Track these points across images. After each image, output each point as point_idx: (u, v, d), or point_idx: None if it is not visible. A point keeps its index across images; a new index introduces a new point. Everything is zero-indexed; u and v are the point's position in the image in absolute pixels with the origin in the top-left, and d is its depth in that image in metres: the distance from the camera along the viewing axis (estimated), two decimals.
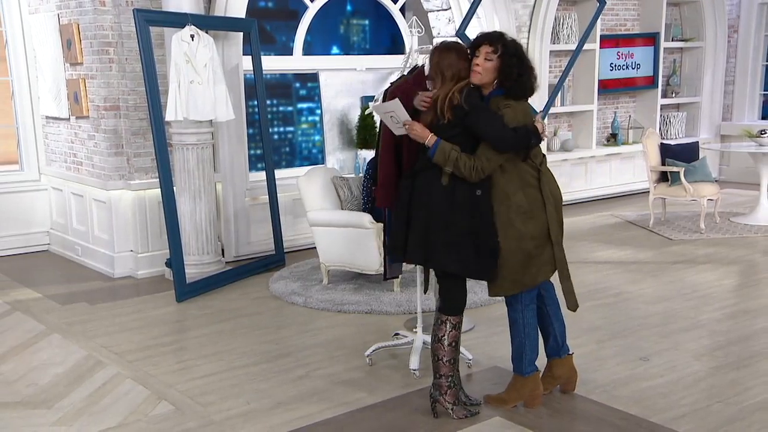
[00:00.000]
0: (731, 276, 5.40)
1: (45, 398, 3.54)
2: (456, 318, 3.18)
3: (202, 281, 5.26)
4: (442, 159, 3.04)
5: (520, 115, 3.10)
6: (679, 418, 3.20)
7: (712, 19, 9.00)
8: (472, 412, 3.24)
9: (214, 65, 5.22)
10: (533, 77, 3.13)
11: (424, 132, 3.10)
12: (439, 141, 3.05)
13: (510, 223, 3.10)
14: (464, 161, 3.03)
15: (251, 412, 3.35)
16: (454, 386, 3.21)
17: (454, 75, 3.10)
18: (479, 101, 3.09)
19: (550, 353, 3.44)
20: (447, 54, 3.13)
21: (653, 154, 6.88)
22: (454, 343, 3.18)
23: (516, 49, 3.10)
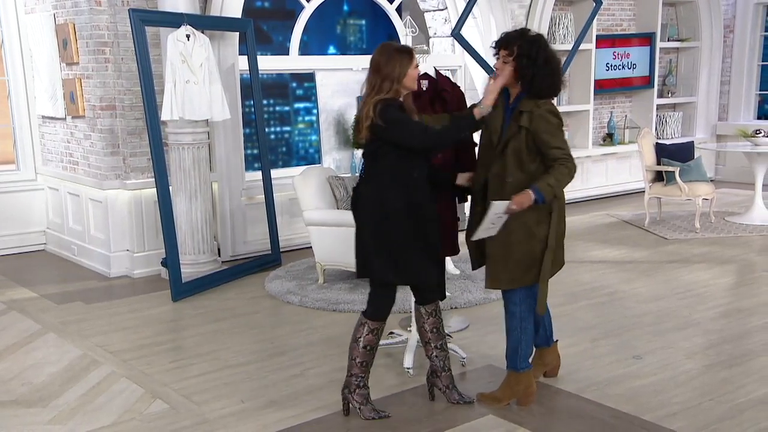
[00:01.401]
0: (726, 275, 5.42)
1: (40, 397, 3.55)
2: (375, 324, 3.19)
3: (197, 280, 5.27)
4: (550, 194, 3.04)
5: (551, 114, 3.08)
6: (671, 415, 3.22)
7: (708, 19, 9.03)
8: (381, 415, 3.22)
9: (210, 65, 5.23)
10: (551, 75, 3.09)
11: (526, 195, 3.03)
12: (535, 187, 3.02)
13: (525, 224, 3.10)
14: (559, 176, 3.03)
15: (246, 411, 3.36)
16: (363, 386, 3.24)
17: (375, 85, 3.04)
18: (395, 113, 3.02)
19: (539, 343, 3.53)
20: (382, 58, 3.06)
21: (649, 153, 6.90)
22: (369, 347, 3.20)
23: (530, 50, 3.07)
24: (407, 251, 3.12)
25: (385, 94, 3.03)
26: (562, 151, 3.06)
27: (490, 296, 4.92)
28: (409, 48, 3.16)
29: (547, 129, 3.06)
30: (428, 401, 3.41)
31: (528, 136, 3.07)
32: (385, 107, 3.01)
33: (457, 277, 5.31)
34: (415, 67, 3.09)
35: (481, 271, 3.39)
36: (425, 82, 3.60)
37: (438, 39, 7.71)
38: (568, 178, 3.06)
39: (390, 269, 3.13)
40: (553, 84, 3.12)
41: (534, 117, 3.06)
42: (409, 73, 3.06)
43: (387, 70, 3.03)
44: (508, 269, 3.16)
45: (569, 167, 3.05)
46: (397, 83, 3.05)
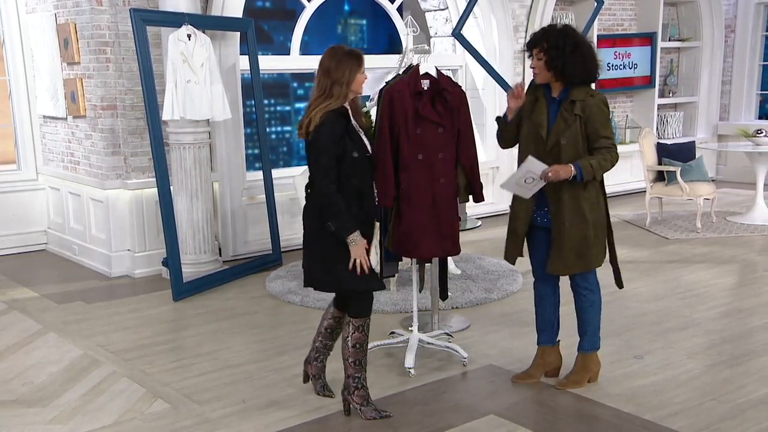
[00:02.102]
0: (727, 275, 5.42)
1: (41, 397, 3.55)
2: (358, 321, 3.19)
3: (198, 280, 5.27)
4: (590, 173, 3.19)
5: (603, 104, 3.25)
6: (672, 415, 3.21)
7: (709, 19, 9.02)
8: (382, 414, 3.23)
9: (211, 65, 5.23)
10: (582, 62, 3.20)
11: (567, 168, 3.18)
12: (578, 164, 3.18)
13: (580, 213, 3.27)
14: (602, 161, 3.19)
15: (247, 411, 3.36)
16: (361, 387, 3.24)
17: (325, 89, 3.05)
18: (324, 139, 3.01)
19: (545, 341, 3.59)
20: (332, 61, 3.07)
21: (650, 153, 6.90)
22: (359, 345, 3.19)
23: (557, 41, 3.20)
24: (340, 261, 3.08)
25: (335, 99, 3.05)
26: (609, 140, 3.24)
27: (490, 296, 4.92)
28: (359, 52, 3.17)
29: (599, 118, 3.22)
30: (431, 401, 3.41)
31: (582, 124, 3.22)
32: (321, 125, 3.01)
33: (458, 276, 5.31)
34: (362, 73, 3.14)
35: (483, 270, 3.40)
36: (426, 81, 3.59)
37: (439, 39, 7.71)
38: (610, 165, 3.22)
39: (325, 278, 3.15)
40: (585, 69, 3.23)
41: (588, 105, 3.21)
42: (357, 78, 3.11)
43: (336, 75, 3.06)
44: (562, 256, 3.31)
45: (613, 156, 3.22)
46: (346, 87, 3.08)
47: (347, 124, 3.11)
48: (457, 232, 3.72)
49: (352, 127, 3.15)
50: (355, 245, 3.05)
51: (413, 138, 3.57)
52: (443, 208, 3.62)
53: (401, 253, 3.76)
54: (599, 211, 3.35)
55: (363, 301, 3.20)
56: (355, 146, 3.10)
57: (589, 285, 3.44)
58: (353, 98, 3.19)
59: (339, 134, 3.05)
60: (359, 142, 3.14)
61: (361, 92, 3.20)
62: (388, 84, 3.78)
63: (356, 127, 3.18)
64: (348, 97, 3.12)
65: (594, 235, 3.33)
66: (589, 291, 3.45)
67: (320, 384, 3.49)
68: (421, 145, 3.57)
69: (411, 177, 3.58)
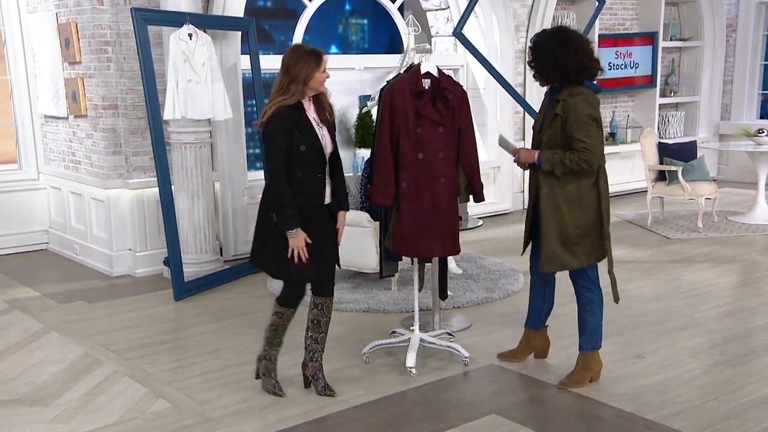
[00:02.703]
0: (728, 275, 5.41)
1: (42, 396, 3.55)
2: (277, 307, 3.44)
3: (200, 280, 5.27)
4: (549, 164, 3.29)
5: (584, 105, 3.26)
6: (674, 415, 3.21)
7: (711, 18, 9.01)
8: (276, 392, 3.46)
9: (212, 64, 5.23)
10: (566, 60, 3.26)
11: (530, 153, 3.40)
12: (541, 153, 3.32)
13: (556, 208, 3.32)
14: (569, 157, 3.25)
15: (248, 410, 3.36)
16: (266, 359, 3.51)
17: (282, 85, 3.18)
18: (275, 131, 3.16)
19: (531, 326, 3.75)
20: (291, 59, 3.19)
21: (651, 153, 6.89)
22: (274, 326, 3.46)
23: (540, 46, 3.33)
24: (280, 248, 3.24)
25: (290, 95, 3.17)
26: (583, 143, 3.24)
27: (491, 296, 4.92)
28: (319, 51, 3.26)
29: (575, 120, 3.25)
30: (433, 401, 3.41)
31: (562, 123, 3.29)
32: (272, 118, 3.16)
33: (459, 276, 5.31)
34: (323, 72, 3.22)
35: (484, 270, 3.43)
36: (427, 81, 3.59)
37: (440, 38, 7.70)
38: (576, 166, 3.25)
39: (267, 261, 3.36)
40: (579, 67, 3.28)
41: (567, 105, 3.27)
42: (316, 77, 3.21)
43: (295, 72, 3.18)
44: (545, 251, 3.36)
45: (582, 157, 3.24)
46: (303, 85, 3.18)
47: (299, 118, 3.21)
48: (457, 231, 3.72)
49: (306, 122, 3.23)
50: (294, 237, 3.20)
51: (414, 137, 3.57)
52: (444, 207, 3.62)
53: (402, 252, 3.75)
54: (584, 212, 3.32)
55: (292, 290, 3.40)
56: (305, 140, 3.21)
57: (587, 283, 3.45)
58: (318, 95, 3.29)
59: (288, 127, 3.17)
60: (311, 136, 3.23)
61: (322, 90, 3.28)
62: (389, 83, 3.77)
63: (315, 122, 3.27)
64: (306, 93, 3.23)
65: (577, 234, 3.32)
66: (587, 289, 3.46)
67: (321, 384, 3.49)
68: (422, 144, 3.57)
69: (411, 176, 3.58)
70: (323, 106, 3.31)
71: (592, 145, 3.24)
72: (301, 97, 3.21)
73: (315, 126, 3.27)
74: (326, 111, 3.32)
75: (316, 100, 3.30)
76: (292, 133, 3.18)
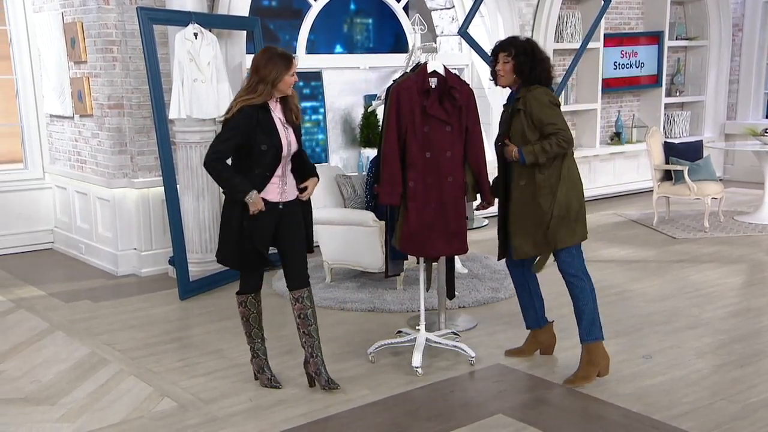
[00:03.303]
0: (735, 274, 5.39)
1: (48, 395, 3.55)
2: (240, 297, 3.51)
3: (205, 279, 5.27)
4: (532, 157, 3.41)
5: (541, 94, 3.46)
6: (682, 415, 3.19)
7: (717, 17, 8.97)
8: (274, 385, 3.52)
9: (218, 63, 5.23)
10: (546, 67, 3.52)
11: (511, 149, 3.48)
12: (521, 148, 3.44)
13: (532, 196, 3.46)
14: (546, 146, 3.39)
15: (254, 409, 3.35)
16: (256, 357, 3.56)
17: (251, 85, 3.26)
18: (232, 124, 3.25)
19: (531, 326, 3.82)
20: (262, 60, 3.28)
21: (657, 152, 6.86)
22: (244, 318, 3.52)
23: (525, 48, 3.50)
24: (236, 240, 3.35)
25: (257, 95, 3.24)
26: (555, 126, 3.42)
27: (497, 295, 4.90)
28: (290, 55, 3.33)
29: (539, 108, 3.43)
30: (439, 400, 3.40)
31: (526, 117, 3.45)
32: (237, 113, 3.24)
33: (465, 275, 5.29)
34: (291, 75, 3.28)
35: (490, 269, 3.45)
36: (434, 79, 3.58)
37: (445, 38, 7.69)
38: (557, 148, 3.40)
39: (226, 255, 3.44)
40: (549, 74, 3.54)
41: (527, 99, 3.45)
42: (284, 79, 3.28)
43: (264, 73, 3.25)
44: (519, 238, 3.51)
45: (558, 139, 3.40)
46: (271, 86, 3.25)
47: (263, 117, 3.27)
48: (464, 230, 3.71)
49: (270, 122, 3.29)
50: (251, 201, 3.26)
51: (421, 136, 3.56)
52: (451, 206, 3.61)
53: (408, 251, 3.74)
54: (559, 197, 3.45)
55: (247, 277, 3.49)
56: (267, 140, 3.27)
57: (576, 271, 3.53)
58: (286, 97, 3.35)
59: (252, 126, 3.23)
60: (273, 136, 3.29)
61: (288, 93, 3.34)
62: (396, 82, 3.76)
63: (280, 122, 3.33)
64: (273, 95, 3.30)
65: (552, 219, 3.45)
66: (576, 278, 3.52)
67: (324, 378, 3.50)
68: (429, 143, 3.56)
69: (418, 175, 3.57)
70: (290, 108, 3.38)
71: (563, 127, 3.42)
72: (267, 98, 3.28)
73: (280, 126, 3.33)
74: (293, 113, 3.39)
75: (283, 101, 3.37)
76: (255, 131, 3.25)
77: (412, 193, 3.58)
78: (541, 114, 3.42)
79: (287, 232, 3.45)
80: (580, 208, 3.52)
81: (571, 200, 3.49)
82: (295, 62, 3.30)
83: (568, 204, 3.47)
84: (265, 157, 3.29)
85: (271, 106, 3.32)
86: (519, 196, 3.50)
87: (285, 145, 3.33)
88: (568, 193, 3.47)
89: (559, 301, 4.05)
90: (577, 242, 3.52)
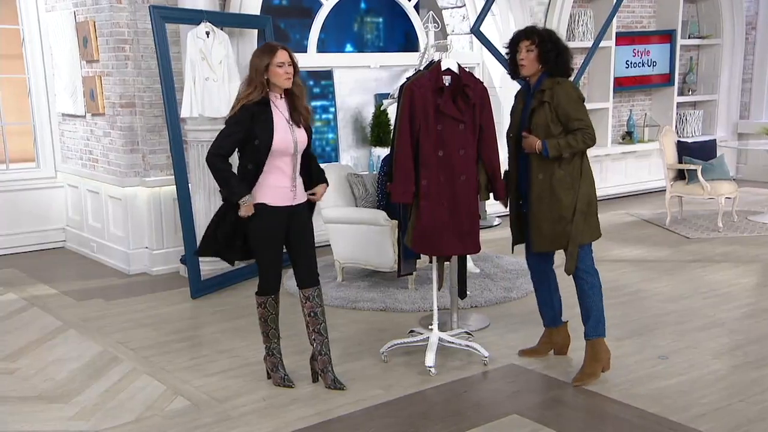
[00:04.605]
0: (750, 275, 5.33)
1: (62, 393, 3.56)
2: (260, 298, 3.50)
3: (216, 278, 5.27)
4: (556, 150, 3.36)
5: (571, 88, 3.42)
6: (699, 416, 3.16)
7: (730, 15, 8.91)
8: (286, 383, 3.53)
9: (229, 62, 5.23)
10: (569, 56, 3.48)
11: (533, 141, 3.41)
12: (545, 141, 3.37)
13: (551, 191, 3.42)
14: (572, 141, 3.36)
15: (267, 408, 3.34)
16: (271, 355, 3.58)
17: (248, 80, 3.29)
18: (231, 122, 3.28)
19: (548, 323, 3.79)
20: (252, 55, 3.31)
21: (670, 151, 6.81)
22: (262, 318, 3.52)
23: (550, 35, 3.47)
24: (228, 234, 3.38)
25: (253, 88, 3.25)
26: (582, 122, 3.39)
27: (510, 295, 4.88)
28: (274, 45, 3.34)
29: (568, 102, 3.39)
30: (453, 400, 3.38)
31: (551, 110, 3.39)
32: (235, 113, 3.26)
33: (477, 275, 5.27)
34: (279, 65, 3.25)
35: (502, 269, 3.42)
36: (448, 77, 3.56)
37: (456, 36, 7.66)
38: (582, 144, 3.38)
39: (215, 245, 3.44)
40: (570, 63, 3.50)
41: (556, 92, 3.39)
42: (272, 70, 3.26)
43: (253, 67, 3.30)
44: (541, 233, 3.46)
45: (584, 136, 3.37)
46: (262, 77, 3.25)
47: (262, 112, 3.26)
48: (477, 229, 3.69)
49: (267, 117, 3.26)
50: (244, 205, 3.28)
51: (434, 134, 3.54)
52: (464, 205, 3.59)
53: (421, 250, 3.72)
54: (575, 193, 3.43)
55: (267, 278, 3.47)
56: (260, 134, 3.26)
57: (587, 268, 3.51)
58: (294, 98, 3.33)
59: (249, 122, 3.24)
60: (267, 131, 3.26)
61: (283, 85, 3.28)
62: (409, 80, 3.74)
63: (284, 119, 3.31)
64: (269, 87, 3.28)
65: (572, 214, 3.42)
66: (587, 274, 3.51)
67: (331, 378, 3.50)
68: (442, 141, 3.54)
69: (431, 174, 3.55)
70: (298, 110, 3.36)
71: (589, 124, 3.40)
72: (263, 91, 3.27)
73: (280, 123, 3.30)
74: (301, 115, 3.37)
75: (290, 101, 3.34)
76: (252, 126, 3.25)
77: (424, 191, 3.56)
78: (570, 108, 3.38)
79: (297, 232, 3.44)
80: (596, 204, 3.54)
81: (592, 196, 3.50)
82: (283, 52, 3.26)
83: (590, 199, 3.48)
84: (256, 152, 3.29)
85: (273, 101, 3.31)
86: (538, 190, 3.45)
87: (285, 142, 3.29)
88: (588, 189, 3.48)
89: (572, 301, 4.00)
90: (595, 238, 3.53)
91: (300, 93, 3.35)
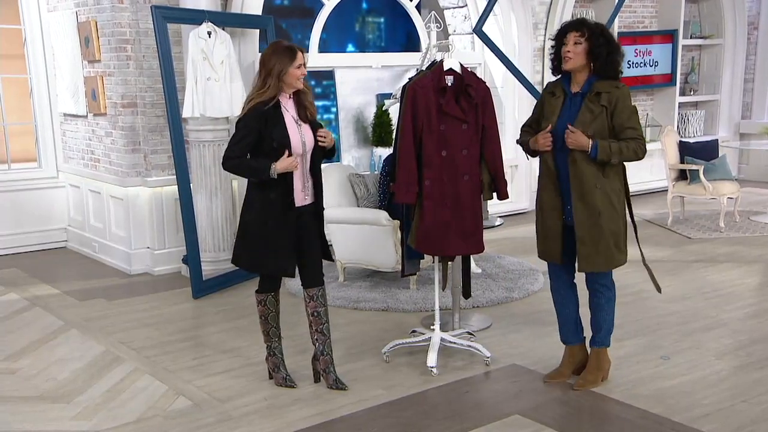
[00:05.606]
0: (752, 275, 5.33)
1: (64, 393, 3.55)
2: (260, 296, 3.50)
3: (218, 278, 5.27)
4: (605, 154, 3.16)
5: (628, 96, 3.22)
6: (702, 417, 3.15)
7: (732, 15, 8.90)
8: (288, 384, 3.51)
9: (231, 62, 5.22)
10: (620, 56, 3.23)
11: (582, 139, 3.17)
12: (597, 142, 3.17)
13: (609, 204, 3.24)
14: (624, 148, 3.16)
15: (269, 408, 3.34)
16: (272, 355, 3.56)
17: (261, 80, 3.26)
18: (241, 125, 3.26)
19: (573, 341, 3.57)
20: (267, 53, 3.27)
21: (672, 152, 6.81)
22: (263, 317, 3.51)
23: (601, 30, 3.21)
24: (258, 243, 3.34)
25: (266, 89, 3.22)
26: (636, 131, 3.20)
27: (512, 295, 4.87)
28: (295, 47, 3.29)
29: (624, 110, 3.19)
30: (455, 401, 3.37)
31: (607, 115, 3.19)
32: (245, 115, 3.25)
33: (479, 275, 5.26)
34: (297, 67, 3.24)
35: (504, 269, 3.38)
36: (450, 77, 3.55)
37: (457, 36, 7.66)
38: (633, 155, 3.18)
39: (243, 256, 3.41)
40: (620, 65, 3.25)
41: (615, 97, 3.18)
42: (290, 72, 3.24)
43: (269, 66, 3.22)
44: (599, 251, 3.26)
45: (638, 146, 3.19)
46: (278, 80, 3.22)
47: (274, 114, 3.25)
48: (481, 229, 3.68)
49: (280, 119, 3.26)
50: (281, 165, 3.23)
51: (437, 134, 3.53)
52: (467, 205, 3.58)
53: (424, 250, 3.72)
54: (623, 206, 3.32)
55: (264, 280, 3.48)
56: (279, 136, 3.25)
57: (608, 282, 3.45)
58: (299, 93, 3.32)
59: (261, 123, 3.22)
60: (283, 134, 3.26)
61: (298, 86, 3.28)
62: (412, 80, 3.74)
63: (292, 120, 3.30)
64: (282, 89, 3.26)
65: (624, 229, 3.32)
66: (607, 288, 3.44)
67: (332, 378, 3.50)
68: (445, 141, 3.53)
69: (434, 174, 3.55)
70: (304, 105, 3.35)
71: (642, 135, 3.24)
72: (276, 92, 3.24)
73: (291, 124, 3.30)
74: (307, 110, 3.36)
75: (297, 98, 3.33)
76: (266, 129, 3.23)
77: (427, 191, 3.56)
78: (626, 117, 3.18)
79: (304, 233, 3.44)
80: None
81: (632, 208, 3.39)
82: (301, 54, 3.26)
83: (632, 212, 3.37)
84: (277, 154, 3.26)
85: (282, 103, 3.30)
86: (597, 202, 3.20)
87: (297, 142, 3.30)
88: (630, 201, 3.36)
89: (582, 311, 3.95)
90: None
91: (308, 89, 3.36)
